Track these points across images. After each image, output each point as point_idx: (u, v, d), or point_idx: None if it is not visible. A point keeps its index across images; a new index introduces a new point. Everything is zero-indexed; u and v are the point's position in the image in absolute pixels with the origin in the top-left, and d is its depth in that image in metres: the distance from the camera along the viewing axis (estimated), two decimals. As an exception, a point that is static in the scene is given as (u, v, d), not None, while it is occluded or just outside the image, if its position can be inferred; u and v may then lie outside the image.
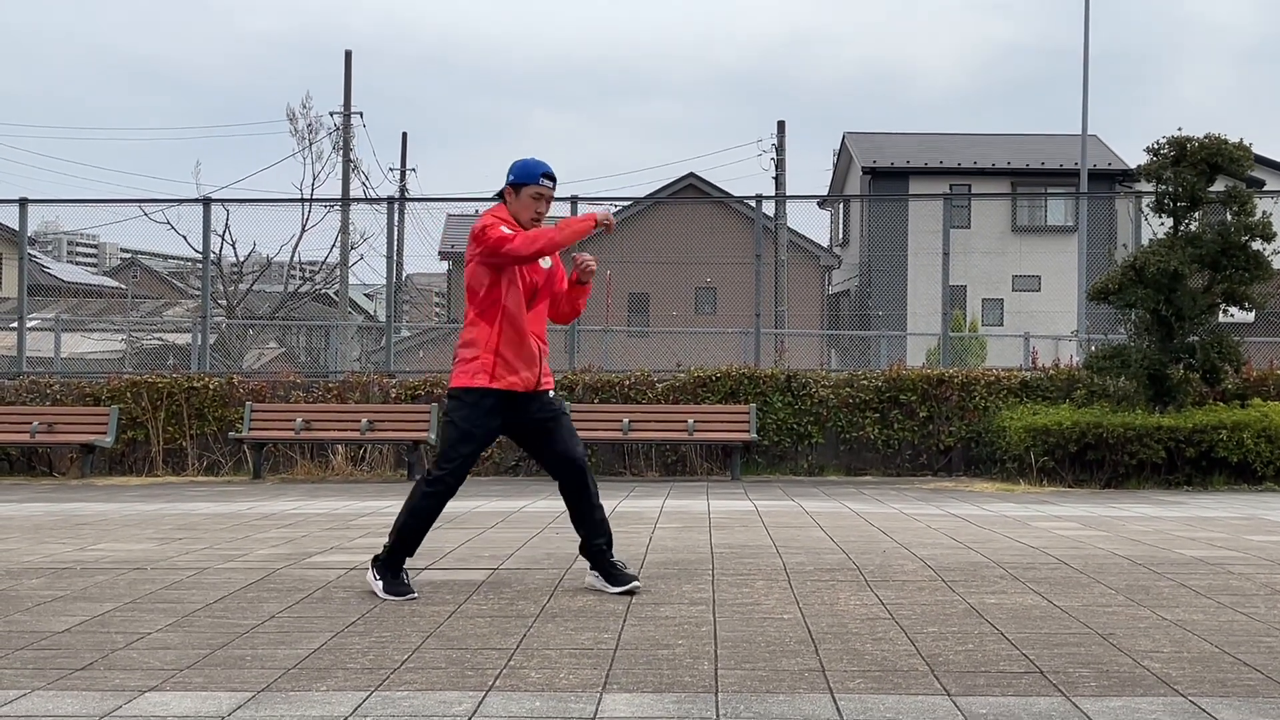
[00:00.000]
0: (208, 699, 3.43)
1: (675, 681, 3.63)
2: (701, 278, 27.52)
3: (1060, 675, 3.71)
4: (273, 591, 5.24)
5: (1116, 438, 11.62)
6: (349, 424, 13.32)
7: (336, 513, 8.95)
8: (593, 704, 3.38)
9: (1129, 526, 7.98)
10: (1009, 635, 4.30)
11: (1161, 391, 12.41)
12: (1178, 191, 12.67)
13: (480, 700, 3.42)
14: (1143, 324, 12.65)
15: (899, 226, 30.07)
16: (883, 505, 9.73)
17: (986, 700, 3.42)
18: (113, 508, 9.48)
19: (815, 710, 3.32)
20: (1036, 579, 5.59)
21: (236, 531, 7.63)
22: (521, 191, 5.07)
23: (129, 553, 6.55)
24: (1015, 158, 34.89)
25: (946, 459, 13.68)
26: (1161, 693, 3.52)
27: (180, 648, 4.10)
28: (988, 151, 35.45)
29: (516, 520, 8.17)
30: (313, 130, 30.69)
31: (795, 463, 13.79)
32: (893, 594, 5.18)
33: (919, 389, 13.68)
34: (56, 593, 5.21)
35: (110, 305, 32.66)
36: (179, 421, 13.88)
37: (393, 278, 15.15)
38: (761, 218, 16.16)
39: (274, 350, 26.50)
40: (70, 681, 3.64)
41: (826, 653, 4.02)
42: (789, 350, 16.67)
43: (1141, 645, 4.15)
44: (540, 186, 5.07)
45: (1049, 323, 27.97)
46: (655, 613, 4.73)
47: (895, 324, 26.66)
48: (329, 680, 3.65)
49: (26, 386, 14.31)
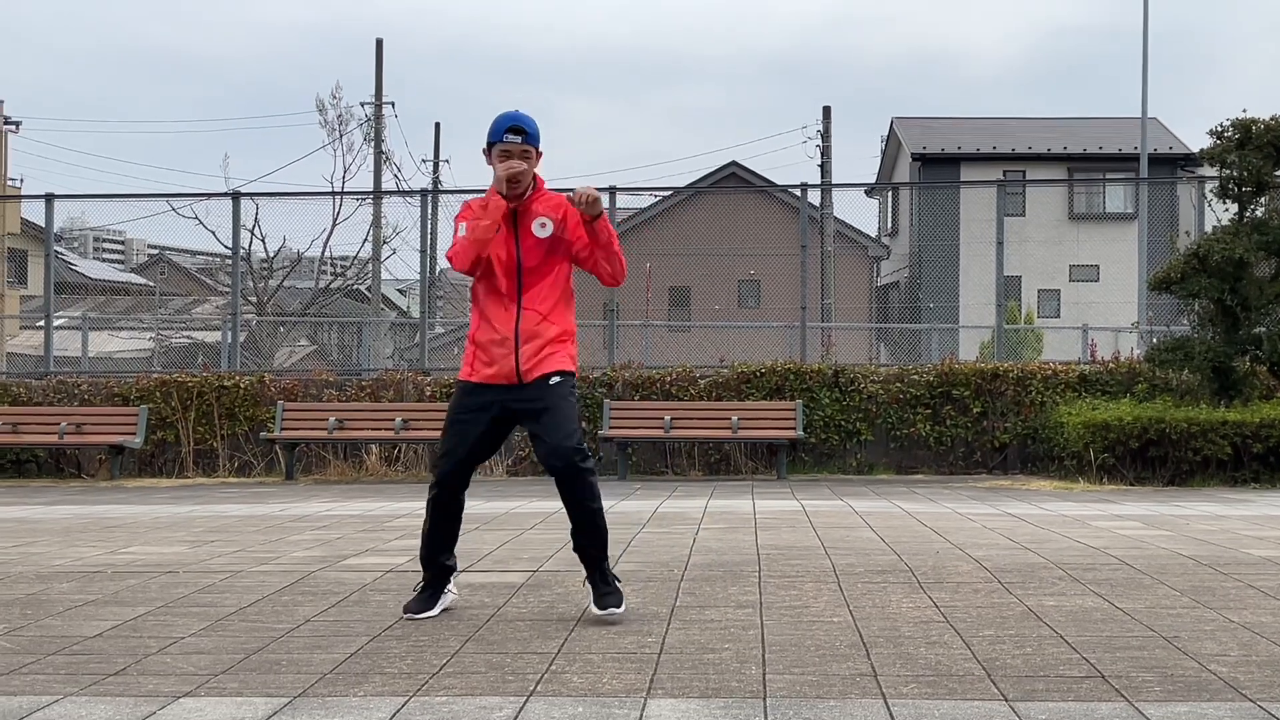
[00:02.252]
0: (243, 705, 3.37)
1: (722, 686, 3.53)
2: (745, 270, 27.36)
3: (1122, 680, 3.58)
4: (307, 595, 5.18)
5: (1180, 433, 11.36)
6: (383, 423, 13.27)
7: (371, 514, 8.91)
8: (637, 709, 3.29)
9: (1193, 525, 7.78)
10: (1068, 638, 4.16)
11: (1227, 385, 12.14)
12: (1243, 176, 12.41)
13: (521, 706, 3.34)
14: (1207, 315, 12.39)
15: (950, 215, 29.72)
16: (935, 504, 9.56)
17: (1046, 706, 3.30)
18: (143, 510, 9.50)
19: (867, 716, 3.21)
20: (1097, 580, 5.43)
21: (269, 534, 7.60)
22: (493, 151, 4.58)
23: (160, 556, 6.53)
24: (1072, 142, 34.38)
25: (1001, 456, 13.45)
26: (1229, 698, 3.40)
27: (214, 652, 4.04)
28: (1043, 136, 34.94)
29: (556, 521, 8.07)
30: (343, 121, 30.69)
31: (843, 461, 13.61)
32: (947, 596, 5.03)
33: (972, 384, 13.45)
34: (88, 597, 5.18)
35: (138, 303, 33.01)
36: (209, 421, 13.88)
37: (426, 272, 15.13)
38: (807, 207, 15.96)
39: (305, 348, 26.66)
40: (103, 687, 3.59)
41: (878, 657, 3.89)
42: (836, 344, 16.50)
43: (1207, 649, 4.00)
44: (505, 144, 4.53)
45: (1108, 314, 27.52)
46: (700, 616, 4.63)
47: (947, 316, 26.35)
48: (366, 685, 3.58)
49: (54, 387, 14.36)
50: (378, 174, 31.36)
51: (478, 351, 4.59)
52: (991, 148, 34.10)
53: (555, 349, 4.59)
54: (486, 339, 4.57)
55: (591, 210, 4.52)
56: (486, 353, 4.56)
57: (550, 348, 4.58)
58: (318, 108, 32.39)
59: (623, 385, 13.75)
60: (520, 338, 4.55)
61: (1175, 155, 32.78)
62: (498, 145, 4.56)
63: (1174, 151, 33.07)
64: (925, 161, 34.39)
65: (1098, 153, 34.06)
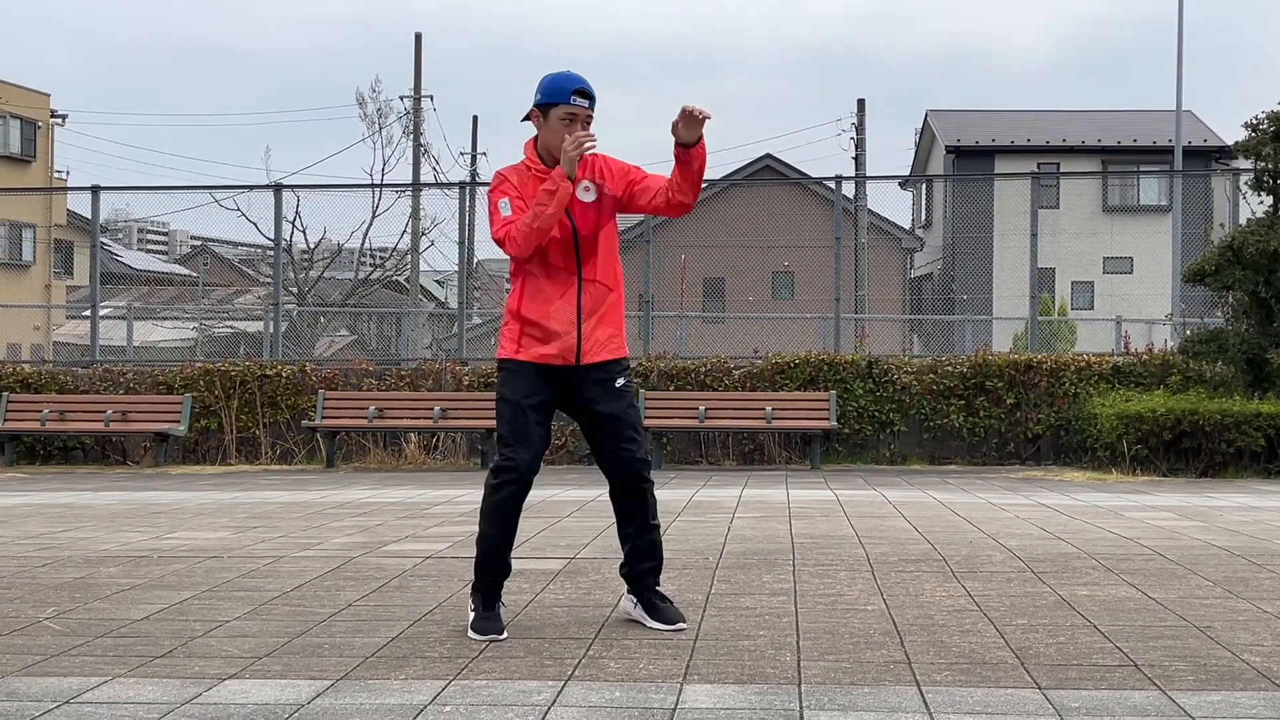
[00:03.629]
0: (287, 687, 3.43)
1: (757, 673, 3.57)
2: (779, 261, 27.32)
3: (1155, 668, 3.60)
4: (349, 580, 5.25)
5: (1213, 425, 11.29)
6: (422, 412, 13.37)
7: (411, 501, 9.00)
8: (674, 694, 3.33)
9: (1227, 517, 7.74)
10: (1101, 627, 4.17)
11: (1261, 377, 12.04)
12: (1277, 168, 12.28)
13: (560, 690, 3.39)
14: (1241, 307, 12.29)
15: (984, 207, 29.54)
16: (968, 495, 9.55)
17: (1079, 694, 3.32)
18: (187, 496, 9.62)
19: (901, 702, 3.24)
20: (1130, 570, 5.43)
21: (311, 520, 7.70)
22: (550, 114, 4.03)
23: (205, 541, 6.63)
24: (1106, 135, 34.09)
25: (1035, 447, 13.40)
26: (1262, 687, 3.40)
27: (258, 636, 4.12)
28: (1077, 128, 34.66)
29: (592, 509, 8.13)
30: (382, 114, 30.88)
31: (877, 451, 13.61)
32: (980, 585, 5.05)
33: (1006, 375, 13.41)
34: (134, 580, 5.28)
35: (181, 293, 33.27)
36: (251, 410, 14.02)
37: (464, 264, 15.19)
38: (841, 199, 15.92)
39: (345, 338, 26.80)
40: (151, 669, 3.66)
41: (912, 644, 3.92)
42: (870, 336, 16.48)
43: (1241, 638, 4.00)
44: (573, 106, 4.01)
45: (1142, 306, 27.32)
46: (735, 603, 4.67)
47: (980, 308, 26.22)
48: (408, 669, 3.64)
49: (100, 375, 14.53)
50: (416, 166, 31.50)
51: (525, 328, 4.07)
52: (1025, 140, 33.87)
53: (616, 330, 4.15)
54: (539, 314, 4.05)
55: (692, 134, 3.94)
56: (539, 329, 4.05)
57: (611, 328, 4.13)
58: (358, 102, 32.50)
59: (658, 375, 13.79)
60: (583, 313, 4.07)
61: (1210, 148, 32.45)
62: (561, 107, 4.02)
63: (1208, 144, 32.74)
64: (959, 154, 34.19)
65: (1132, 145, 33.76)
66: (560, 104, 4.02)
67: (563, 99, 4.02)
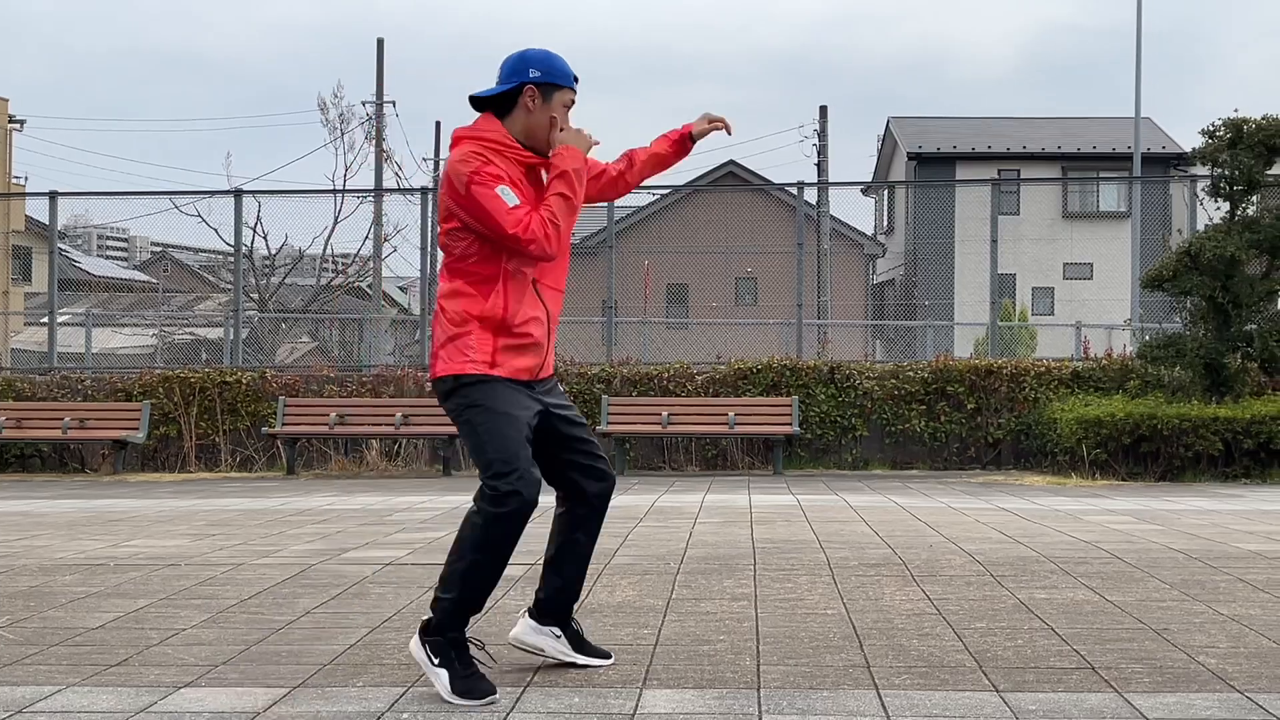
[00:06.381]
0: (243, 695, 3.41)
1: (717, 678, 3.57)
2: (742, 267, 27.39)
3: (1112, 671, 3.62)
4: (308, 587, 5.22)
5: (1171, 429, 11.40)
6: (384, 419, 13.31)
7: (372, 508, 8.94)
8: (633, 700, 3.33)
9: (1184, 520, 7.82)
10: (1059, 631, 4.20)
11: (1218, 381, 12.17)
12: (1234, 175, 12.41)
13: (518, 696, 3.38)
14: (1198, 312, 12.41)
15: (945, 213, 29.75)
16: (929, 499, 9.61)
17: (1036, 697, 3.35)
18: (145, 504, 9.53)
19: (860, 706, 3.25)
20: (1088, 574, 5.48)
21: (270, 527, 7.64)
22: (554, 97, 3.60)
23: (163, 549, 6.57)
24: (1066, 141, 34.42)
25: (995, 452, 13.50)
26: (1217, 689, 3.44)
27: (215, 644, 4.08)
28: (1037, 135, 34.99)
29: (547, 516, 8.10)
30: (344, 120, 30.68)
31: (839, 456, 13.66)
32: (939, 589, 5.08)
33: (966, 380, 13.50)
34: (90, 589, 5.22)
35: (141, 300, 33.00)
36: (211, 417, 13.90)
37: (427, 270, 15.13)
38: (803, 205, 15.99)
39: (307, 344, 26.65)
40: (105, 677, 3.62)
41: (871, 648, 3.94)
42: (832, 341, 16.53)
43: (1196, 640, 4.04)
44: (574, 91, 3.67)
45: (1101, 311, 27.58)
46: (696, 608, 4.67)
47: (942, 314, 26.39)
48: (365, 676, 3.62)
49: (58, 382, 14.36)
50: (379, 172, 31.36)
51: (499, 338, 3.51)
52: (986, 147, 34.14)
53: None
54: (517, 322, 3.52)
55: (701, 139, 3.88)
56: (516, 339, 3.53)
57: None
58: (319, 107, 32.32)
59: (621, 381, 13.79)
60: (550, 323, 3.63)
61: (1168, 154, 32.82)
62: (567, 92, 3.63)
63: (1167, 151, 33.11)
64: (921, 160, 34.43)
65: (1092, 152, 34.11)
66: (566, 88, 3.63)
67: (567, 83, 3.63)
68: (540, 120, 3.59)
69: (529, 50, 3.64)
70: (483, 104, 3.65)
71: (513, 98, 3.60)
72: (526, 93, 3.58)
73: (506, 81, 3.60)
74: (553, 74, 3.60)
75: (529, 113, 3.59)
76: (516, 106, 3.60)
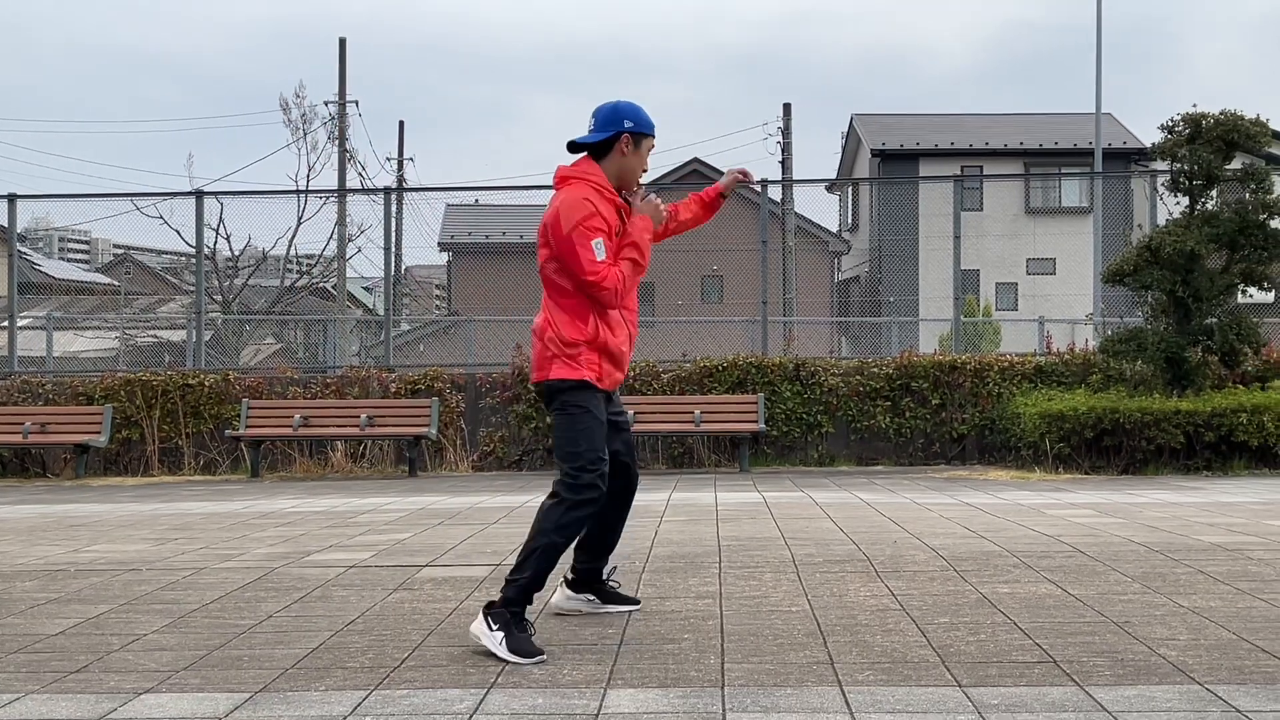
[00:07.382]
0: (204, 700, 3.38)
1: (681, 676, 3.57)
2: (707, 265, 27.44)
3: (1074, 664, 3.65)
4: (271, 591, 5.18)
5: (1133, 423, 11.50)
6: (348, 420, 13.23)
7: (336, 510, 8.89)
8: (597, 700, 3.32)
9: (1146, 513, 7.89)
10: (1022, 625, 4.23)
11: (1179, 375, 12.28)
12: (1193, 170, 12.51)
13: (482, 698, 3.36)
14: (1159, 306, 12.51)
15: (909, 210, 29.91)
16: (894, 495, 9.65)
17: (998, 691, 3.36)
18: (107, 509, 9.43)
19: (823, 703, 3.26)
20: (1051, 568, 5.51)
21: (233, 531, 7.58)
22: (642, 144, 4.19)
23: (124, 554, 6.51)
24: (1028, 138, 34.68)
25: (960, 447, 13.58)
26: (1177, 680, 3.46)
27: (177, 649, 4.05)
28: (1000, 132, 35.23)
29: (520, 515, 8.10)
30: (307, 120, 30.52)
31: (805, 453, 13.70)
32: (903, 585, 5.10)
33: (931, 376, 13.57)
34: (51, 595, 5.16)
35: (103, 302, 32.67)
36: (174, 420, 13.78)
37: (391, 270, 15.07)
38: (768, 203, 16.02)
39: (271, 346, 26.46)
40: (65, 684, 3.58)
41: (835, 645, 3.95)
42: (797, 338, 16.54)
43: (1157, 633, 4.08)
44: (654, 138, 4.26)
45: (1064, 306, 27.81)
46: (661, 607, 4.67)
47: (906, 310, 26.53)
48: (328, 680, 3.59)
49: (18, 386, 14.19)
50: (342, 172, 31.19)
51: (603, 359, 4.17)
52: (949, 143, 34.35)
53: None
54: (615, 347, 4.19)
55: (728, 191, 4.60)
56: (614, 361, 4.20)
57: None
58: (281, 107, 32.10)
59: (585, 380, 13.75)
60: (633, 341, 4.33)
61: (1129, 150, 33.12)
62: (651, 140, 4.24)
63: (1128, 146, 33.41)
64: (885, 157, 34.59)
65: (1053, 148, 34.37)
66: (651, 136, 4.20)
67: (651, 132, 4.20)
68: (630, 165, 4.16)
69: (620, 102, 4.19)
70: (578, 147, 4.21)
71: (609, 144, 4.16)
72: (622, 140, 4.14)
73: (603, 129, 4.15)
74: (642, 125, 4.17)
75: (623, 156, 4.15)
76: (612, 151, 4.16)
